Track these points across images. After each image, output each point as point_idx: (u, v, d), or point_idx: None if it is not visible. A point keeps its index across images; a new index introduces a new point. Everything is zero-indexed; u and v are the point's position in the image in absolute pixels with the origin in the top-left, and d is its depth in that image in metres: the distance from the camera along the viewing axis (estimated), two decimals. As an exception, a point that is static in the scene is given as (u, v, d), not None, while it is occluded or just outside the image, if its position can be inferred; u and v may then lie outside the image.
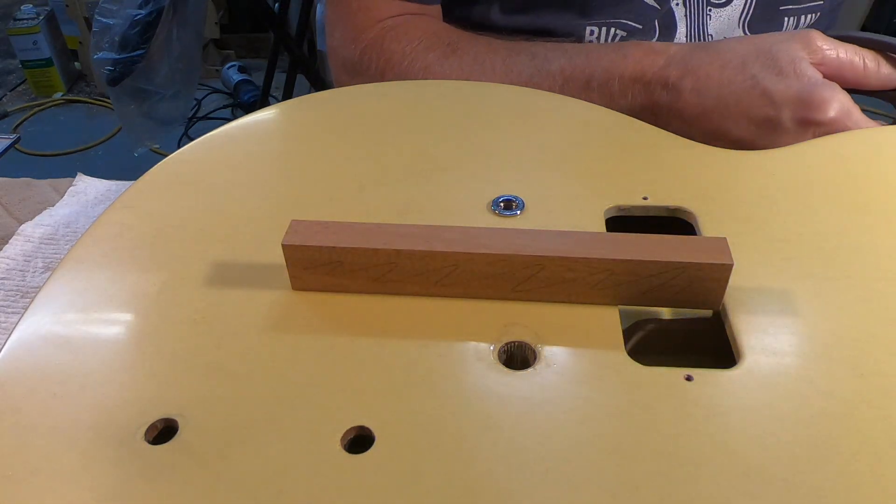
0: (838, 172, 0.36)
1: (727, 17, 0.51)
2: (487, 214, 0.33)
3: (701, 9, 0.50)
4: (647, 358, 0.27)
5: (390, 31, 0.50)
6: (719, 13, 0.51)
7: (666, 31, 0.51)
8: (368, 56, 0.51)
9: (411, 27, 0.50)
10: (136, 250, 0.32)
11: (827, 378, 0.26)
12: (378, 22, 0.51)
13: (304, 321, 0.29)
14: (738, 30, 0.52)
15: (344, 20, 0.53)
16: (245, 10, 2.08)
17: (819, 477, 0.23)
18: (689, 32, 0.51)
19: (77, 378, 0.27)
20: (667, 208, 0.34)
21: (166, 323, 0.29)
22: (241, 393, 0.26)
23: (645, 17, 0.50)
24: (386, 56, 0.50)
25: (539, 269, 0.28)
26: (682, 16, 0.51)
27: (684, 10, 0.50)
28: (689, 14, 0.50)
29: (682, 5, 0.50)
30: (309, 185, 0.35)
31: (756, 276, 0.30)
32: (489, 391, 0.26)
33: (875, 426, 0.25)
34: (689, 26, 0.51)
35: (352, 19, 0.52)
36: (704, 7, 0.50)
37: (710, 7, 0.50)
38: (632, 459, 0.24)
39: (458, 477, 0.23)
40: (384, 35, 0.50)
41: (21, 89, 2.02)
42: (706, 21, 0.51)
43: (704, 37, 0.51)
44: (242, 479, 0.23)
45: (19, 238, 0.46)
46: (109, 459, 0.24)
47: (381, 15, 0.51)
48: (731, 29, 0.52)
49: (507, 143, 0.38)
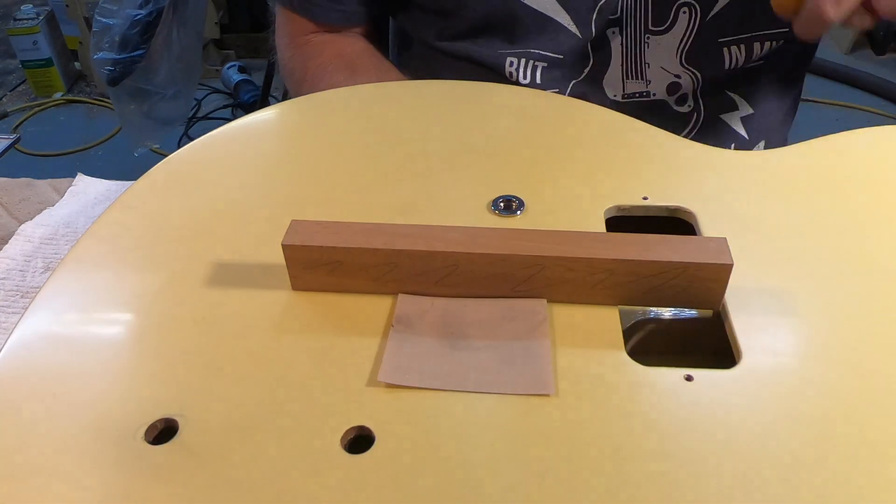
0: (838, 172, 0.36)
1: (665, 45, 0.49)
2: (487, 214, 0.33)
3: (639, 36, 0.49)
4: (647, 358, 0.27)
5: (313, 46, 0.55)
6: (658, 41, 0.49)
7: (601, 59, 0.50)
8: (293, 65, 0.55)
9: (328, 45, 0.54)
10: (136, 250, 0.32)
11: (827, 378, 0.26)
12: (304, 35, 0.55)
13: (304, 321, 0.29)
14: (676, 59, 0.50)
15: (282, 26, 0.57)
16: (245, 10, 2.08)
17: (819, 477, 0.23)
18: (625, 60, 0.50)
19: (77, 378, 0.27)
20: (667, 208, 0.34)
21: (166, 323, 0.29)
22: (241, 393, 0.26)
23: (567, 47, 0.49)
24: (303, 68, 0.54)
25: (539, 269, 0.28)
26: (619, 44, 0.49)
27: (621, 39, 0.49)
28: (626, 42, 0.49)
29: (618, 33, 0.49)
30: (309, 185, 0.35)
31: (756, 276, 0.30)
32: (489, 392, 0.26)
33: (875, 426, 0.25)
34: (626, 55, 0.50)
35: (287, 26, 0.56)
36: (643, 35, 0.49)
37: (649, 35, 0.49)
38: (632, 459, 0.24)
39: (458, 477, 0.23)
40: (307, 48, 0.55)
41: (21, 89, 2.02)
42: (644, 49, 0.50)
43: (641, 66, 0.50)
44: (242, 479, 0.23)
45: (19, 238, 0.46)
46: (109, 459, 0.24)
47: (306, 29, 0.55)
48: (669, 59, 0.50)
49: (507, 143, 0.38)
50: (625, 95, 0.51)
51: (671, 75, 0.51)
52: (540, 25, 0.49)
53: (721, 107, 0.53)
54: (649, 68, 0.50)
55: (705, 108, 0.52)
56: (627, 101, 0.51)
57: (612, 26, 0.49)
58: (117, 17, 1.41)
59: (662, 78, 0.51)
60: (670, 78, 0.51)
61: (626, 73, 0.51)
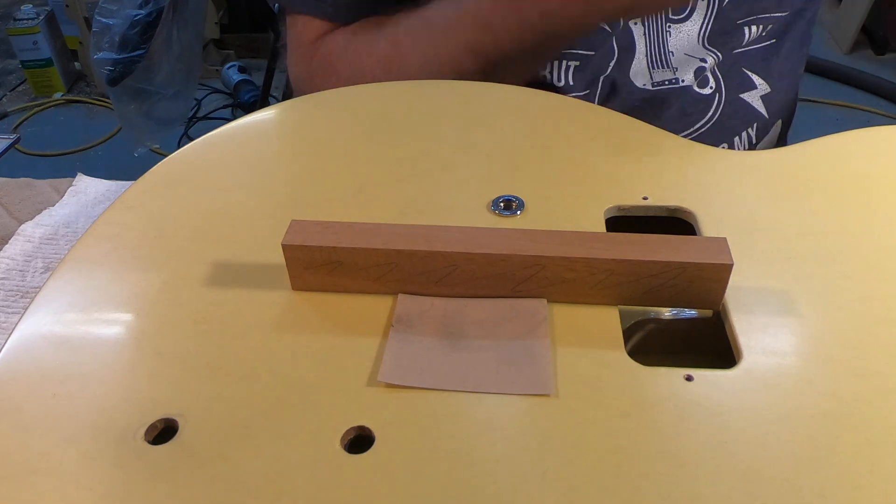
0: (838, 172, 0.36)
1: (686, 32, 0.50)
2: (487, 214, 0.33)
3: (660, 26, 0.50)
4: (647, 358, 0.27)
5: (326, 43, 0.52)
6: (679, 28, 0.50)
7: (625, 52, 0.50)
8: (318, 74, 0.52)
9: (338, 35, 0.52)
10: (136, 250, 0.32)
11: (827, 378, 0.26)
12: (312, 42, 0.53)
13: (304, 321, 0.29)
14: (699, 45, 0.51)
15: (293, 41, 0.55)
16: (245, 10, 2.08)
17: (819, 477, 0.23)
18: (650, 51, 0.50)
19: (77, 378, 0.27)
20: (667, 208, 0.34)
21: (166, 323, 0.29)
22: (241, 393, 0.26)
23: (597, 43, 0.49)
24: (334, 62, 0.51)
25: (539, 269, 0.28)
26: (641, 34, 0.50)
27: (643, 29, 0.50)
28: (648, 32, 0.50)
29: (640, 24, 0.49)
30: (309, 185, 0.35)
31: (756, 276, 0.30)
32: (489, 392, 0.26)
33: (875, 426, 0.25)
34: (649, 45, 0.50)
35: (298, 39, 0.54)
36: (664, 24, 0.50)
37: (670, 24, 0.50)
38: (632, 459, 0.24)
39: (458, 477, 0.23)
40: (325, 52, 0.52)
41: (21, 89, 2.02)
42: (666, 38, 0.50)
43: (665, 55, 0.51)
44: (242, 479, 0.23)
45: (19, 238, 0.46)
46: (109, 459, 0.24)
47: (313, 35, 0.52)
48: (692, 45, 0.51)
49: (507, 143, 0.38)
50: (654, 84, 0.51)
51: (697, 60, 0.51)
52: None
53: (741, 86, 0.54)
54: (673, 56, 0.51)
55: (727, 89, 0.53)
56: (657, 88, 0.52)
57: (634, 18, 0.49)
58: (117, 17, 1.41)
59: (689, 64, 0.51)
60: (696, 63, 0.51)
61: (652, 62, 0.51)
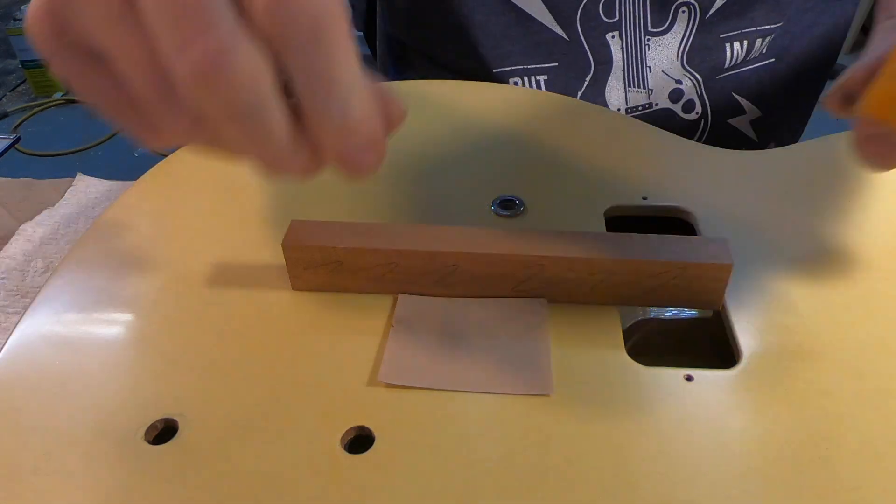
0: (838, 172, 0.36)
1: (666, 46, 0.49)
2: (487, 214, 0.33)
3: (639, 39, 0.49)
4: (647, 358, 0.27)
5: None
6: (658, 42, 0.49)
7: (602, 66, 0.50)
8: None
9: None
10: (136, 250, 0.32)
11: (827, 378, 0.26)
12: None
13: (304, 321, 0.29)
14: (677, 62, 0.50)
15: None
16: (245, 10, 2.08)
17: (819, 477, 0.23)
18: (626, 66, 0.50)
19: (77, 378, 0.27)
20: (666, 208, 0.34)
21: (166, 323, 0.29)
22: (241, 393, 0.26)
23: (557, 52, 0.49)
24: None
25: (539, 269, 0.28)
26: (619, 48, 0.49)
27: (621, 43, 0.49)
28: (626, 46, 0.49)
29: (618, 37, 0.49)
30: (309, 185, 0.35)
31: (756, 276, 0.30)
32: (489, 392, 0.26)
33: (875, 426, 0.25)
34: (626, 59, 0.50)
35: None
36: (643, 37, 0.49)
37: (649, 36, 0.49)
38: (631, 459, 0.24)
39: (457, 477, 0.23)
40: None
41: (21, 89, 2.02)
42: (645, 52, 0.50)
43: (643, 69, 0.50)
44: (242, 478, 0.23)
45: (20, 238, 0.46)
46: (109, 459, 0.24)
47: None
48: (670, 62, 0.50)
49: (507, 143, 0.38)
50: (628, 109, 0.51)
51: (673, 81, 0.51)
52: (523, 25, 0.48)
53: (728, 111, 0.53)
54: (650, 72, 0.50)
55: (713, 115, 0.52)
56: (630, 114, 0.51)
57: (612, 31, 0.49)
58: (117, 17, 1.41)
59: (664, 85, 0.51)
60: (672, 84, 0.51)
61: (628, 79, 0.50)
